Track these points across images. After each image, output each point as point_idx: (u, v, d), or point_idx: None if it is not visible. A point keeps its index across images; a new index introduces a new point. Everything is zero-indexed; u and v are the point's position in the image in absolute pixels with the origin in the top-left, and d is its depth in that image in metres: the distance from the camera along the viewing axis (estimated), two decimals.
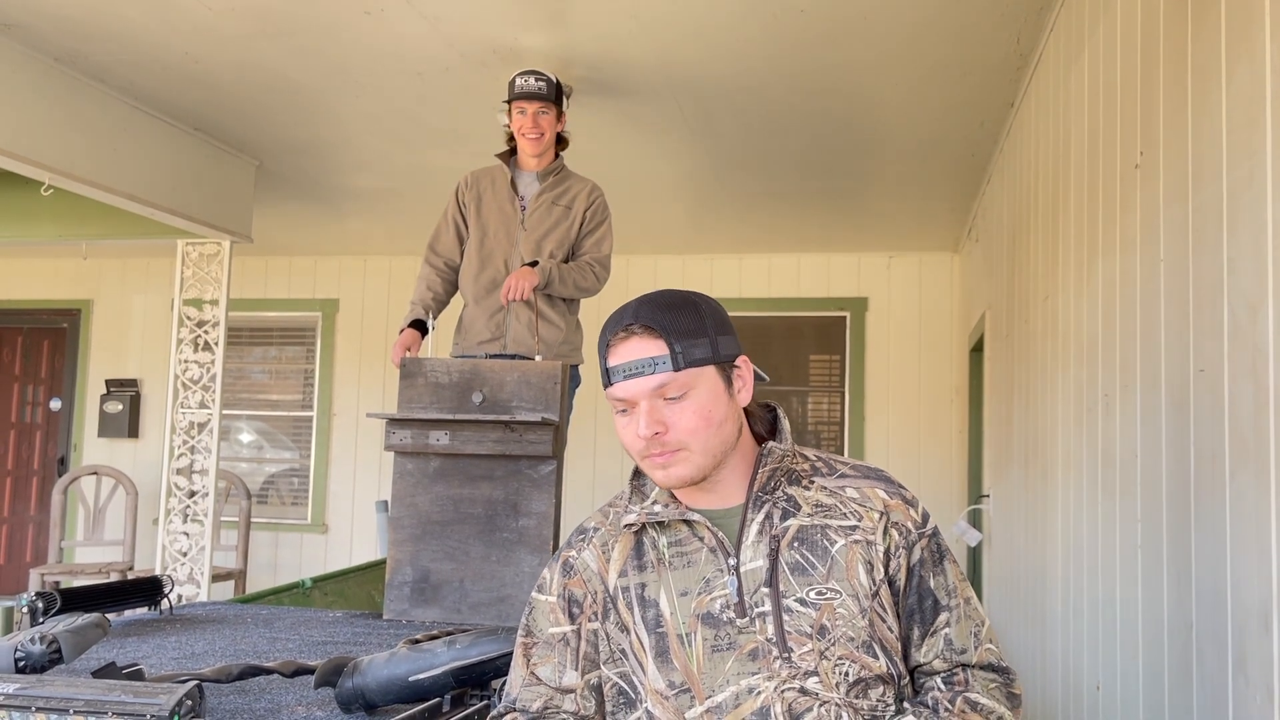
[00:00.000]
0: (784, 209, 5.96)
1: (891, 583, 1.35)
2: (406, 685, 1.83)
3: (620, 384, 1.30)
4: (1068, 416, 3.00)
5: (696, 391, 1.30)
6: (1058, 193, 3.19)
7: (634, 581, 1.37)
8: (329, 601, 4.06)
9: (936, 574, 1.37)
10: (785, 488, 1.38)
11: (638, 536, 1.40)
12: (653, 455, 1.31)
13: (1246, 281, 1.59)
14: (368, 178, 5.52)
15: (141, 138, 4.53)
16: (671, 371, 1.28)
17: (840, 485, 1.39)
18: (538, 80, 3.49)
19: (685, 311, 1.32)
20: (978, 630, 1.38)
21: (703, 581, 1.33)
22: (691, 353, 1.29)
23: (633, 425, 1.32)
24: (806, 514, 1.35)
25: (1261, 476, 1.52)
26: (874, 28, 3.46)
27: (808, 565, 1.32)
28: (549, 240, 3.51)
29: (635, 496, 1.43)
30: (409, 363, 3.16)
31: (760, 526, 1.34)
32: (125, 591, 2.92)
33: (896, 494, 1.39)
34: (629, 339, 1.31)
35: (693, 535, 1.36)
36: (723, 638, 1.30)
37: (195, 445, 5.26)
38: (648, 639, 1.33)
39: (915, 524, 1.37)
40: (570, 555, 1.44)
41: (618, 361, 1.31)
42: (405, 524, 3.10)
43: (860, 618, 1.30)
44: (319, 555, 7.44)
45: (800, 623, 1.29)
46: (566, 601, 1.41)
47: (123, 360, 7.84)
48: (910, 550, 1.36)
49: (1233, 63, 1.68)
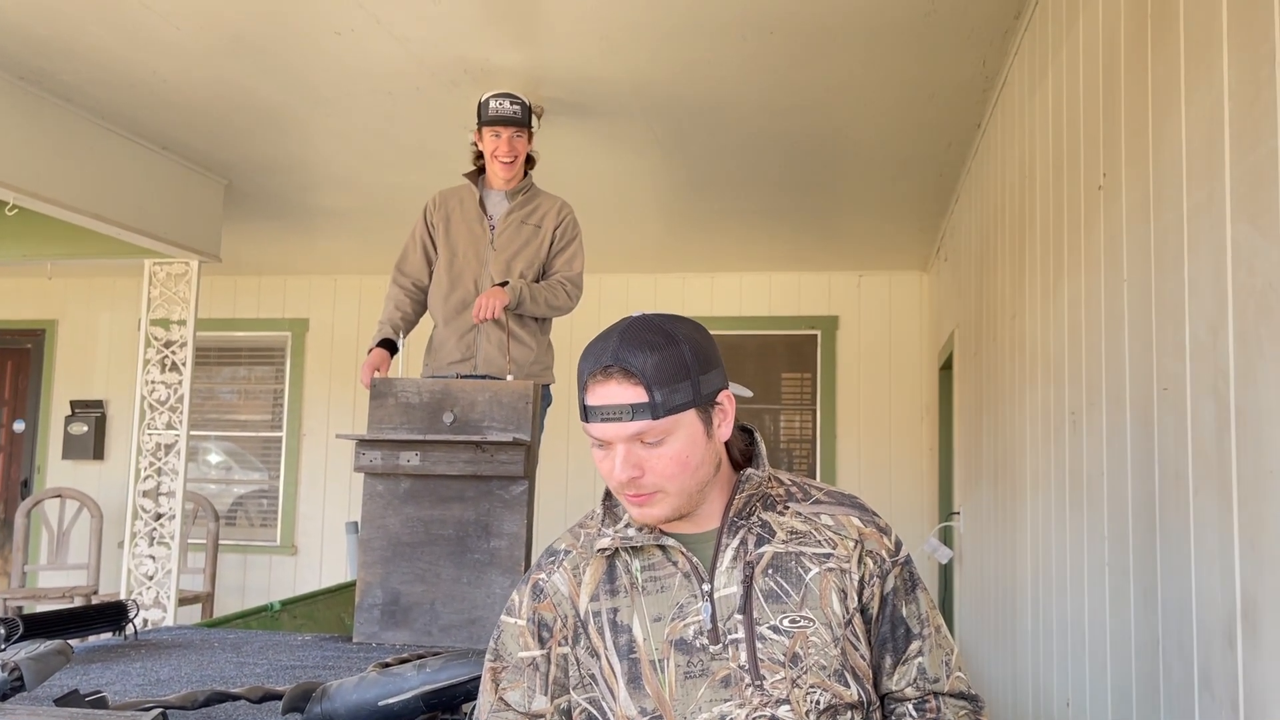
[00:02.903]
0: (755, 228, 5.99)
1: (864, 611, 1.35)
2: (376, 710, 1.81)
3: (598, 425, 1.29)
4: (1035, 434, 3.03)
5: (675, 437, 1.28)
6: (1024, 213, 3.24)
7: (606, 606, 1.36)
8: (298, 625, 4.01)
9: (909, 602, 1.39)
10: (760, 513, 1.37)
11: (610, 560, 1.38)
12: (628, 495, 1.31)
13: (1207, 301, 1.62)
14: (338, 197, 5.50)
15: (108, 156, 4.49)
16: (650, 420, 1.26)
17: (815, 512, 1.39)
18: (513, 104, 3.47)
19: (667, 354, 1.28)
20: (948, 659, 1.39)
21: (676, 607, 1.32)
22: (672, 400, 1.27)
23: (609, 462, 1.30)
24: (781, 540, 1.35)
25: (1224, 493, 1.54)
26: (842, 50, 3.50)
27: (781, 593, 1.32)
28: (519, 260, 3.50)
29: (608, 518, 1.41)
30: (379, 383, 3.15)
31: (735, 552, 1.34)
32: (89, 617, 2.87)
33: (871, 522, 1.40)
34: (608, 381, 1.27)
35: (666, 560, 1.35)
36: (695, 664, 1.29)
37: (162, 467, 5.20)
38: (620, 665, 1.32)
39: (889, 552, 1.38)
40: (540, 578, 1.42)
41: (596, 402, 1.28)
42: (375, 545, 3.07)
43: (833, 646, 1.30)
44: (288, 578, 7.35)
45: (773, 650, 1.29)
46: (536, 625, 1.39)
47: (88, 381, 7.74)
48: (884, 579, 1.37)
49: (1192, 86, 1.72)
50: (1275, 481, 1.36)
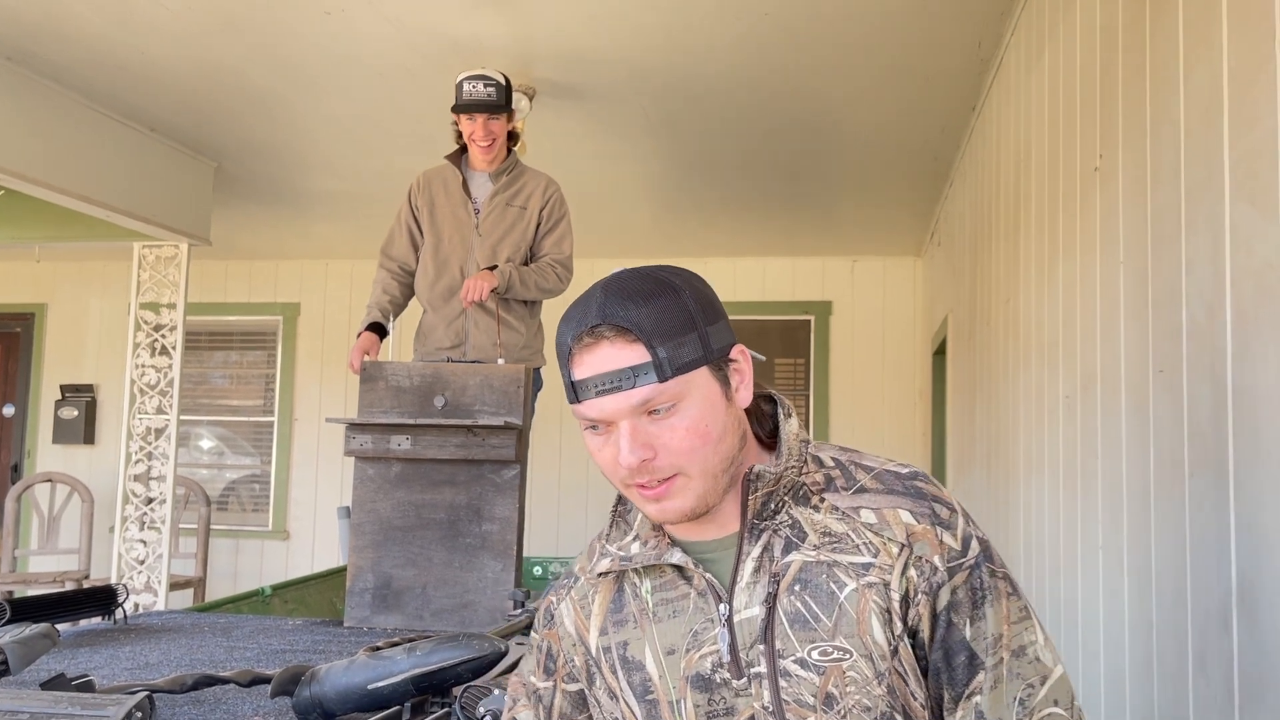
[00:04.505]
0: (749, 213, 5.97)
1: (915, 635, 1.05)
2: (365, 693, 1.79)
3: (592, 401, 1.03)
4: (1029, 418, 3.02)
5: (689, 403, 1.03)
6: (1019, 196, 3.22)
7: (615, 640, 1.14)
8: (289, 609, 4.00)
9: (975, 620, 1.05)
10: (790, 509, 1.09)
11: (618, 581, 1.16)
12: (640, 486, 1.05)
13: (1205, 282, 1.60)
14: (329, 180, 5.46)
15: (97, 138, 4.45)
16: (656, 383, 1.01)
17: (856, 505, 1.08)
18: (486, 86, 3.37)
19: (664, 301, 1.04)
20: (1028, 694, 1.04)
21: (690, 635, 1.09)
22: (679, 355, 1.02)
23: (610, 448, 1.05)
24: (812, 545, 1.07)
25: (1220, 476, 1.53)
26: (836, 31, 3.47)
27: (810, 617, 1.05)
28: (505, 245, 3.45)
29: (616, 529, 1.18)
30: (369, 366, 3.12)
31: (758, 562, 1.08)
32: (78, 601, 2.85)
33: (927, 515, 1.07)
34: (597, 345, 1.03)
35: (680, 577, 1.12)
36: (717, 702, 1.06)
37: (153, 451, 5.17)
38: (639, 708, 1.11)
39: (947, 556, 1.05)
40: (552, 601, 1.23)
41: (587, 374, 1.03)
42: (366, 530, 3.06)
43: (876, 684, 1.03)
44: (280, 562, 7.34)
45: (800, 690, 1.03)
46: (544, 654, 1.22)
47: (78, 365, 7.70)
48: (934, 595, 1.05)
49: (1190, 65, 1.70)
50: (1272, 464, 1.35)
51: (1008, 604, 1.06)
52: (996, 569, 1.07)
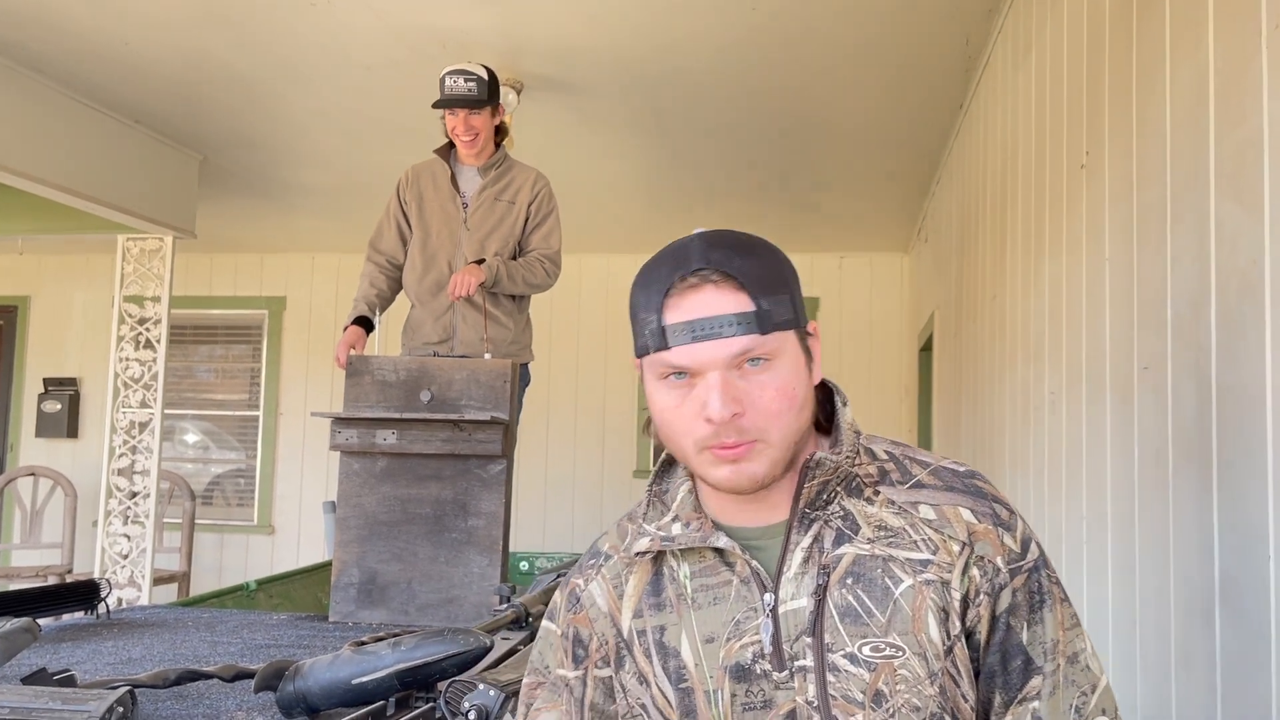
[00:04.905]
0: (737, 209, 5.96)
1: (970, 636, 1.04)
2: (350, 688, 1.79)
3: (685, 347, 0.99)
4: (1015, 414, 3.03)
5: (781, 362, 1.00)
6: (1006, 193, 3.23)
7: (651, 624, 1.09)
8: (274, 604, 3.99)
9: (1033, 624, 1.04)
10: (842, 500, 1.07)
11: (656, 564, 1.11)
12: (719, 446, 1.00)
13: (1189, 280, 1.61)
14: (316, 174, 5.43)
15: (80, 130, 4.41)
16: (758, 334, 0.98)
17: (913, 500, 1.06)
18: (466, 81, 3.34)
19: (765, 257, 1.03)
20: (1082, 702, 1.04)
21: (732, 624, 1.05)
22: (778, 311, 1.00)
23: (692, 403, 1.00)
24: (866, 539, 1.04)
25: (1203, 472, 1.53)
26: (825, 27, 3.47)
27: (862, 611, 1.02)
28: (493, 239, 3.44)
29: (653, 509, 1.13)
30: (355, 360, 3.11)
31: (807, 553, 1.04)
32: (61, 596, 2.83)
33: (988, 515, 1.05)
34: (701, 288, 0.99)
35: (721, 563, 1.07)
36: (755, 694, 1.03)
37: (136, 445, 5.14)
38: (673, 695, 1.07)
39: (1008, 558, 1.04)
40: (578, 584, 1.17)
41: (684, 317, 0.99)
42: (352, 525, 3.05)
43: (928, 683, 1.00)
44: (265, 557, 7.31)
45: (849, 686, 1.00)
46: (571, 641, 1.16)
47: (61, 358, 7.65)
48: (996, 596, 1.03)
49: (1176, 62, 1.70)
50: (1256, 460, 1.36)
51: (1062, 610, 1.06)
52: (1052, 574, 1.06)
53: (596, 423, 7.23)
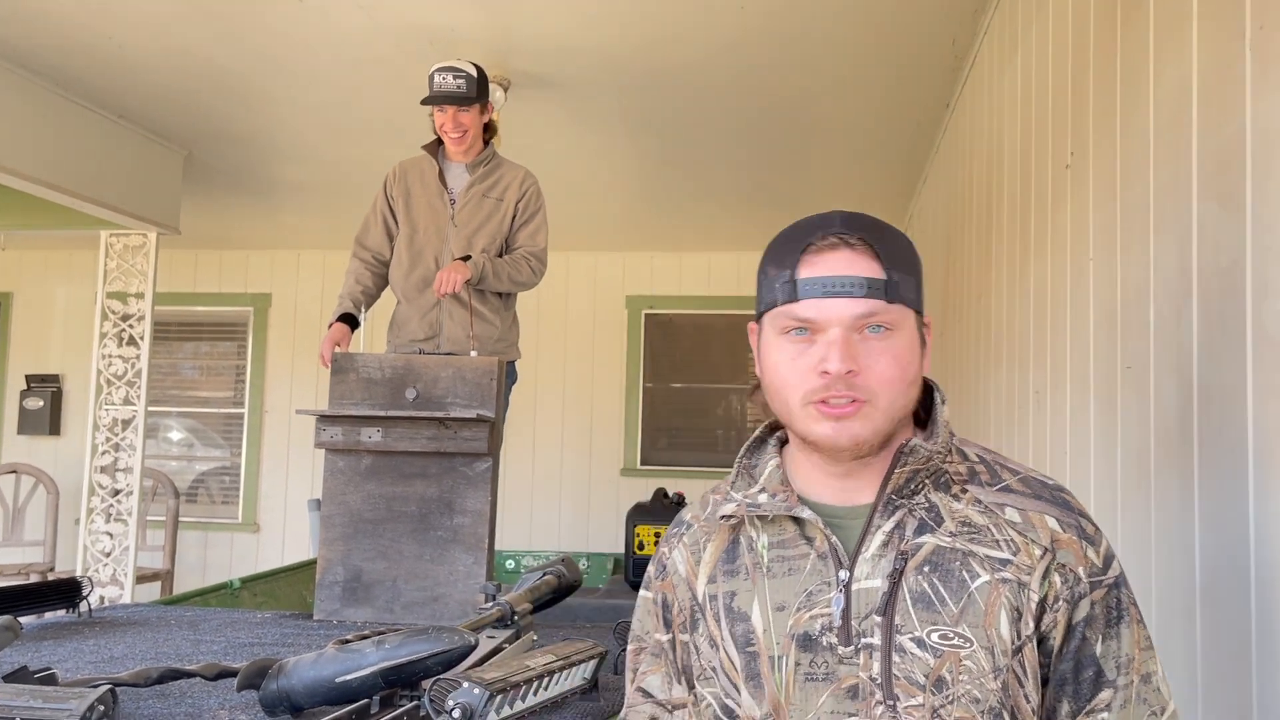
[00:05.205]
0: (723, 207, 5.97)
1: (1043, 641, 1.06)
2: (334, 687, 1.78)
3: (814, 301, 1.04)
4: (999, 413, 3.05)
5: (899, 334, 1.06)
6: (991, 193, 3.24)
7: (723, 590, 1.14)
8: (258, 602, 3.97)
9: (1108, 638, 1.07)
10: (929, 493, 1.10)
11: (735, 532, 1.16)
12: (828, 402, 1.04)
13: (1172, 281, 1.62)
14: (302, 170, 5.41)
15: (63, 125, 4.38)
16: (884, 301, 1.04)
17: (1000, 502, 1.09)
18: (456, 78, 3.34)
19: (899, 238, 1.09)
20: None
21: (804, 595, 1.09)
22: (905, 287, 1.06)
23: (809, 357, 1.05)
24: (948, 532, 1.07)
25: (1185, 472, 1.54)
26: (810, 27, 3.48)
27: (936, 599, 1.04)
28: (480, 236, 3.44)
29: (741, 480, 1.17)
30: (340, 358, 3.10)
31: (887, 538, 1.08)
32: (42, 593, 2.81)
33: (1073, 526, 1.08)
34: (838, 249, 1.06)
35: (800, 536, 1.11)
36: (819, 665, 1.06)
37: (120, 443, 5.11)
38: (738, 658, 1.11)
39: (1090, 570, 1.07)
40: (664, 552, 1.23)
41: (817, 273, 1.05)
42: (336, 522, 3.04)
43: (991, 677, 1.02)
44: (250, 555, 7.28)
45: (913, 669, 1.03)
46: (660, 607, 1.22)
47: (44, 355, 7.60)
48: (1075, 604, 1.06)
49: (1160, 64, 1.71)
50: (1237, 460, 1.37)
51: (1139, 629, 1.08)
52: (1131, 594, 1.09)
53: (583, 421, 7.23)
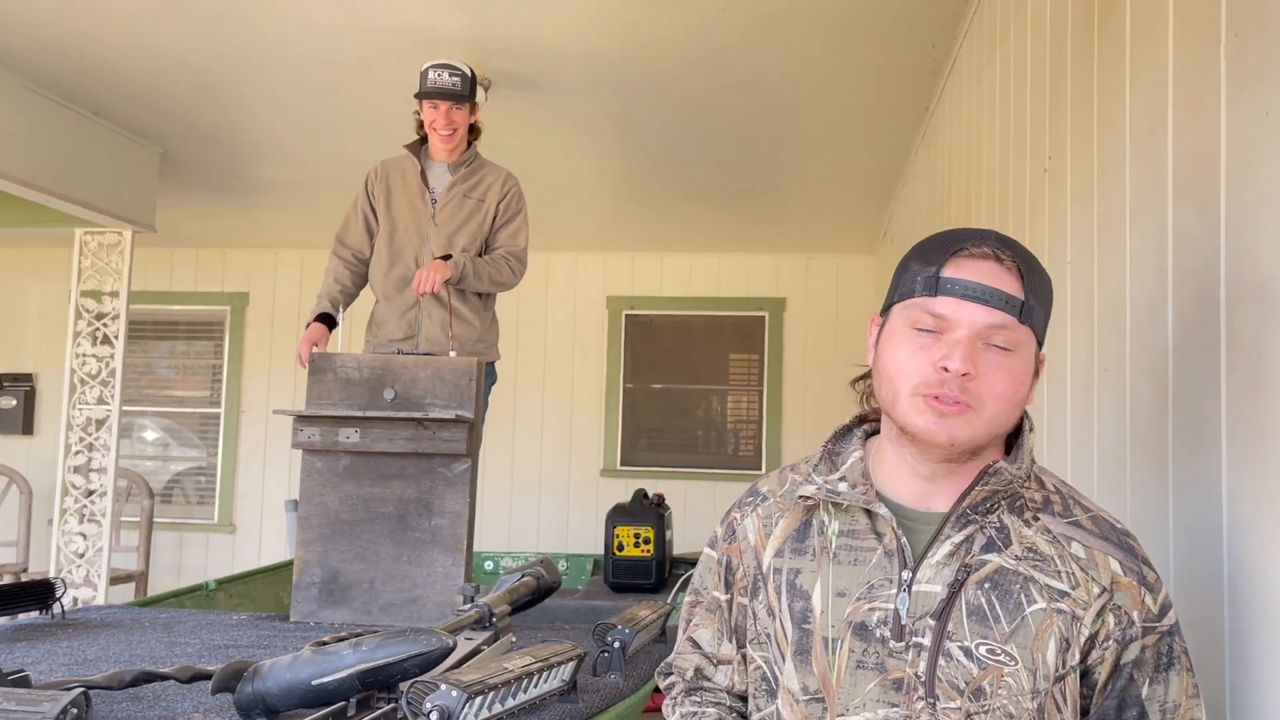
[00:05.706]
0: (705, 208, 5.98)
1: (1087, 674, 1.11)
2: (310, 689, 1.77)
3: (953, 300, 1.09)
4: None
5: (1019, 356, 1.10)
6: (970, 195, 3.26)
7: (789, 565, 1.19)
8: (234, 604, 3.94)
9: (1155, 682, 1.11)
10: (1003, 514, 1.13)
11: (809, 513, 1.20)
12: (938, 397, 1.09)
13: (1148, 283, 1.63)
14: (279, 168, 5.37)
15: (36, 121, 4.33)
16: (1016, 319, 1.09)
17: (1068, 535, 1.13)
18: (451, 75, 3.37)
19: (1043, 272, 1.15)
20: None
21: (866, 586, 1.13)
22: (1036, 315, 1.11)
23: (932, 352, 1.09)
24: (1014, 555, 1.11)
25: (1160, 474, 1.55)
26: (791, 29, 3.49)
27: (990, 615, 1.09)
28: (461, 235, 3.44)
29: (824, 464, 1.22)
30: (318, 357, 3.08)
31: (954, 549, 1.11)
32: (15, 595, 2.78)
33: (1134, 571, 1.12)
34: (988, 260, 1.10)
35: (871, 530, 1.15)
36: (870, 654, 1.11)
37: (93, 442, 5.06)
38: (792, 632, 1.16)
39: (1145, 616, 1.11)
40: (735, 518, 1.29)
41: (962, 275, 1.09)
42: (314, 523, 3.02)
43: (1029, 697, 1.07)
44: (226, 556, 7.23)
45: (955, 674, 1.08)
46: (724, 568, 1.28)
47: (17, 354, 7.51)
48: (1125, 646, 1.10)
49: (1137, 68, 1.72)
50: (1211, 461, 1.38)
51: (1187, 678, 1.12)
52: (1183, 644, 1.13)
53: (563, 422, 7.22)
